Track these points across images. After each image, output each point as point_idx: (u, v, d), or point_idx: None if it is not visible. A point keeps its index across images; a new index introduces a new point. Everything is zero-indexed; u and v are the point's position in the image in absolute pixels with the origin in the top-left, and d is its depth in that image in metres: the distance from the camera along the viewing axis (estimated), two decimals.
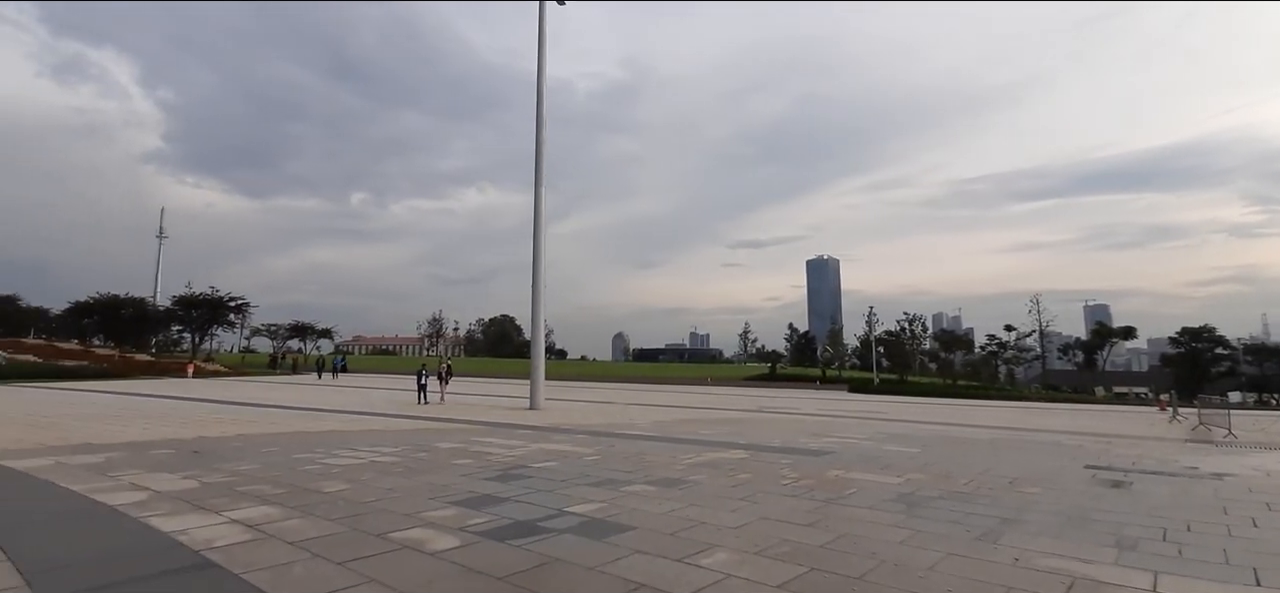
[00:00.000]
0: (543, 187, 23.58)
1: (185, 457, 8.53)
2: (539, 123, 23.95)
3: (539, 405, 21.22)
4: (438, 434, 12.15)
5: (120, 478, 6.89)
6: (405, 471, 7.71)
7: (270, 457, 8.64)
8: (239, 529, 4.81)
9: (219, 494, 6.09)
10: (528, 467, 8.25)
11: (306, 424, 13.81)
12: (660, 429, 14.62)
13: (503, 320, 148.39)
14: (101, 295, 55.04)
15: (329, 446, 9.96)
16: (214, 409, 18.01)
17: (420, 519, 5.21)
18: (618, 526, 5.16)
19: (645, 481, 7.38)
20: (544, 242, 23.34)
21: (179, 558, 4.12)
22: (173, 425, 12.90)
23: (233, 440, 10.41)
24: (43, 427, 12.32)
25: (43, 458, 8.21)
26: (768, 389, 53.19)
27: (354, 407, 20.25)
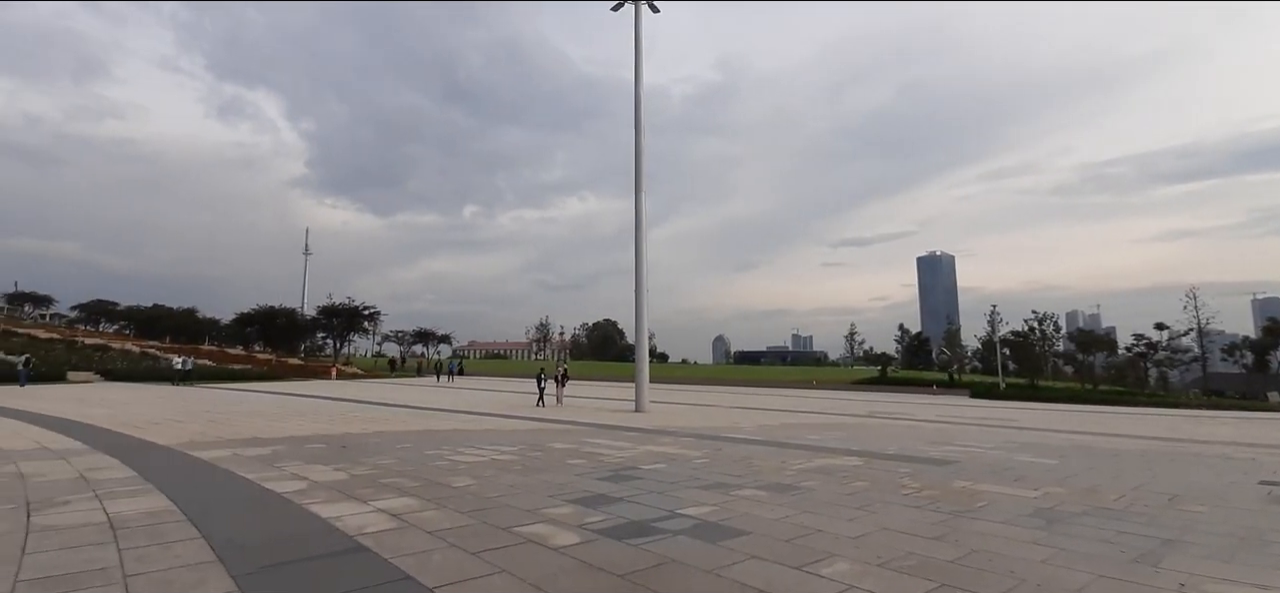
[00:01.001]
0: (643, 193, 23.95)
1: (334, 451, 9.49)
2: (638, 130, 24.35)
3: (644, 408, 21.54)
4: (551, 435, 12.68)
5: (283, 469, 7.79)
6: (524, 469, 8.12)
7: (405, 452, 9.42)
8: (384, 518, 5.30)
9: (365, 485, 6.74)
10: (638, 468, 8.41)
11: (433, 423, 14.90)
12: (766, 433, 14.37)
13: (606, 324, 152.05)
14: (260, 307, 62.54)
15: (454, 444, 10.68)
16: (353, 408, 19.87)
17: (541, 516, 5.47)
18: (732, 530, 5.15)
19: (756, 485, 7.30)
20: (646, 246, 23.68)
21: (337, 542, 4.61)
22: (321, 423, 14.38)
23: (372, 437, 11.44)
24: (219, 422, 14.17)
25: (221, 450, 9.45)
26: (878, 393, 50.65)
27: (472, 407, 21.55)
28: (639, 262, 23.40)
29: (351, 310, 64.97)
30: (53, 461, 8.26)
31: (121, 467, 7.81)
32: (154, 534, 4.77)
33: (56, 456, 8.70)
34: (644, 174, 24.07)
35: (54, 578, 3.79)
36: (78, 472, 7.43)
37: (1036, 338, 72.36)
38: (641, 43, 25.04)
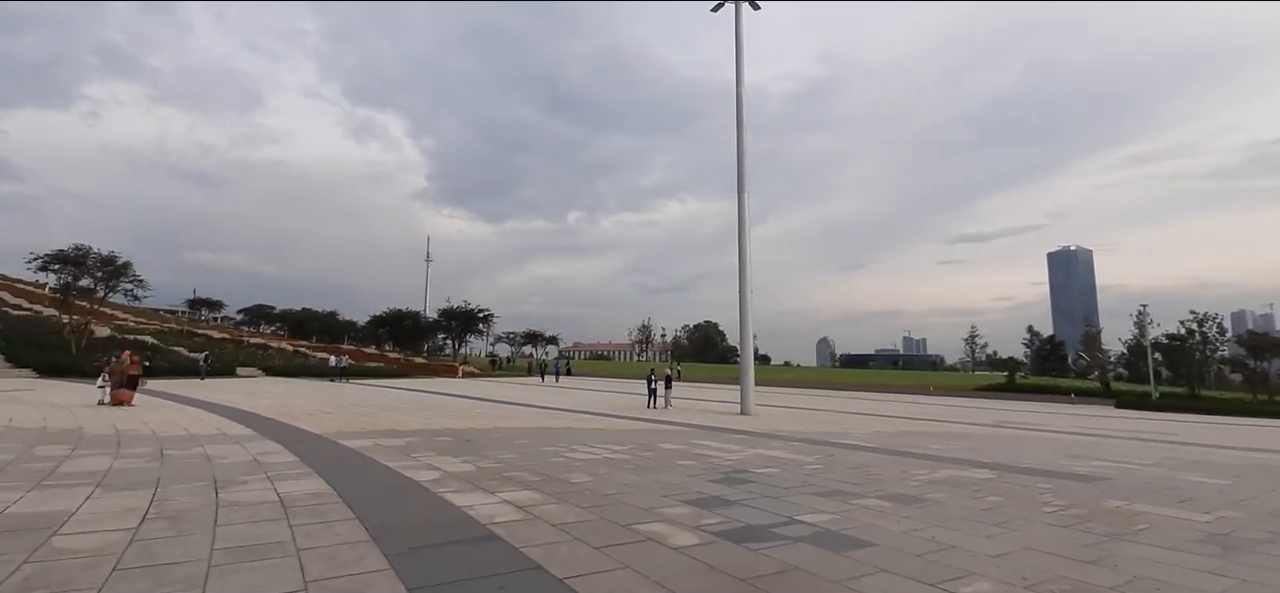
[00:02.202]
0: (746, 192, 23.65)
1: (460, 444, 10.16)
2: (739, 129, 24.07)
3: (750, 411, 21.25)
4: (659, 435, 12.82)
5: (418, 459, 8.45)
6: (636, 468, 8.28)
7: (523, 448, 9.90)
8: (511, 509, 5.61)
9: (491, 478, 7.16)
10: (749, 472, 8.32)
11: (546, 421, 15.54)
12: (881, 440, 13.69)
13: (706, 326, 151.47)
14: (389, 310, 68.24)
15: (568, 441, 11.09)
16: (472, 404, 21.15)
17: (658, 515, 5.56)
18: (855, 540, 4.96)
19: (877, 495, 6.98)
20: (749, 247, 23.36)
21: (472, 530, 4.94)
22: (446, 418, 15.44)
23: (492, 433, 12.13)
24: (360, 415, 15.60)
25: (364, 440, 10.40)
26: (1005, 402, 46.66)
27: (581, 407, 22.24)
28: (742, 262, 23.11)
29: (468, 313, 69.26)
30: (230, 445, 9.48)
31: (285, 452, 8.81)
32: (317, 514, 5.34)
33: (233, 441, 9.97)
34: (746, 174, 23.77)
35: (243, 548, 4.35)
36: (251, 455, 8.47)
37: (1196, 341, 63.42)
38: (742, 42, 24.77)
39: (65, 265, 38.81)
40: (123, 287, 41.43)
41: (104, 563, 3.96)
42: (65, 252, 38.90)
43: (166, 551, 4.26)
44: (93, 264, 39.41)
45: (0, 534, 4.56)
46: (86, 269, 39.29)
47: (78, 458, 7.95)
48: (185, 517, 5.16)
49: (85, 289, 39.94)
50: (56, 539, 4.47)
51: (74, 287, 39.40)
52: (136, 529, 4.76)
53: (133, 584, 3.60)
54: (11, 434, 10.09)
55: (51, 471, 7.08)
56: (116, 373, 17.46)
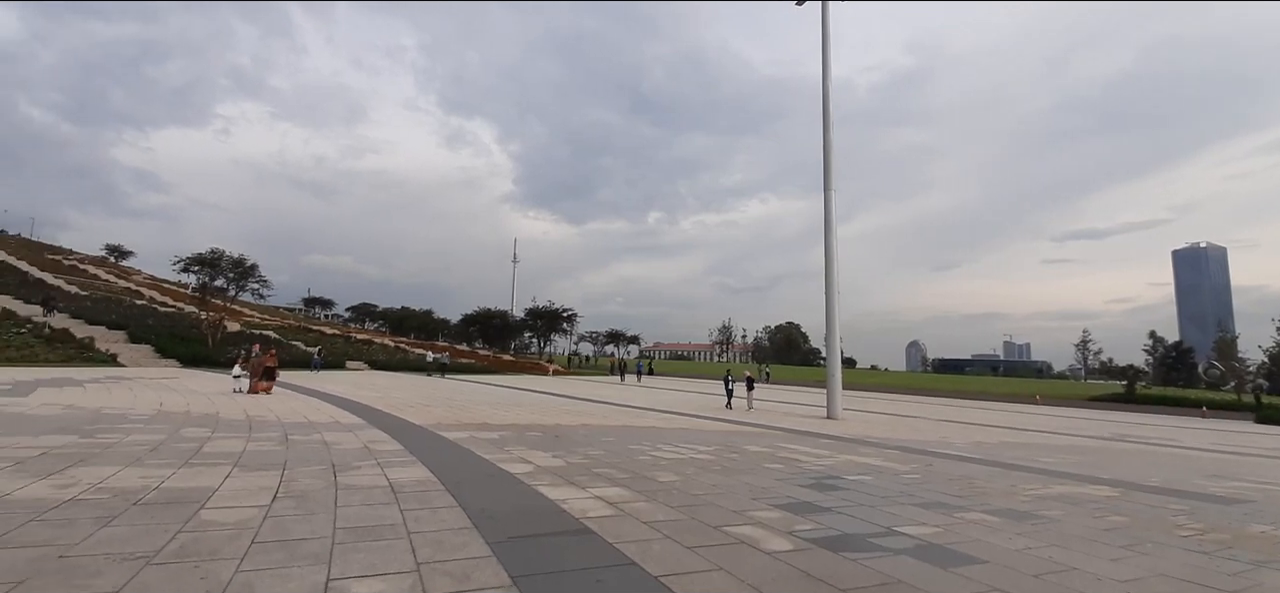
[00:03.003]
0: (832, 190, 22.90)
1: (550, 439, 10.48)
2: (826, 126, 23.33)
3: (837, 415, 20.57)
4: (744, 437, 12.66)
5: (511, 452, 8.79)
6: (722, 469, 8.22)
7: (610, 445, 10.07)
8: (602, 505, 5.72)
9: (580, 473, 7.33)
10: (841, 478, 8.05)
11: (630, 420, 15.73)
12: (983, 451, 12.86)
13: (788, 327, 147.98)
14: (479, 309, 71.57)
15: (653, 440, 11.17)
16: (558, 401, 21.75)
17: (748, 518, 5.49)
18: (964, 556, 4.69)
19: (983, 509, 6.57)
20: (836, 246, 22.60)
21: (566, 523, 5.08)
22: (535, 414, 15.96)
23: (579, 429, 12.42)
24: (456, 408, 16.42)
25: (461, 432, 10.93)
26: (1123, 414, 42.56)
27: (663, 406, 22.34)
28: (829, 261, 22.39)
29: (552, 313, 71.44)
30: (344, 432, 10.25)
31: (392, 441, 9.42)
32: (423, 500, 5.68)
33: (346, 429, 10.78)
34: (832, 170, 23.02)
35: (361, 529, 4.69)
36: (362, 443, 9.12)
37: None
38: (829, 35, 24.02)
39: (203, 267, 43.57)
40: (250, 286, 46.06)
41: (244, 536, 4.39)
42: (203, 255, 43.67)
43: (295, 527, 4.66)
44: (225, 266, 43.99)
45: (159, 506, 5.16)
46: (220, 270, 43.92)
47: (217, 440, 8.86)
48: (309, 497, 5.63)
49: (219, 288, 44.62)
50: (204, 512, 5.00)
51: (210, 286, 44.10)
52: (269, 507, 5.24)
53: (269, 556, 3.97)
54: (163, 417, 11.39)
55: (196, 450, 7.93)
56: (251, 364, 19.44)
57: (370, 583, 3.54)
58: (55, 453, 7.33)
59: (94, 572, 3.55)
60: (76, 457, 7.14)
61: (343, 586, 3.48)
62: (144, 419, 10.94)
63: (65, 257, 71.72)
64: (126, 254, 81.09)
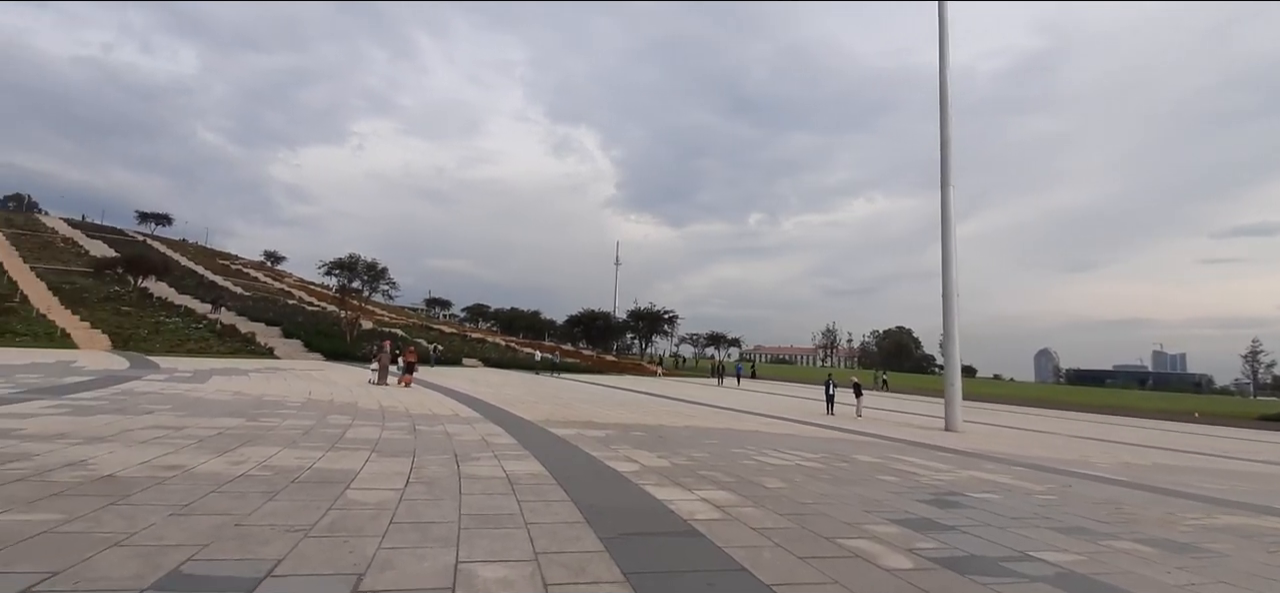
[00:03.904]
0: (950, 187, 21.43)
1: (654, 439, 10.61)
2: (943, 117, 21.85)
3: (956, 427, 19.20)
4: (854, 446, 12.16)
5: (617, 451, 8.99)
6: (832, 479, 7.94)
7: (713, 448, 10.04)
8: (709, 508, 5.72)
9: (686, 474, 7.37)
10: (963, 495, 7.52)
11: (732, 423, 15.58)
12: (1131, 473, 11.50)
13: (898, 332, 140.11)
14: (583, 311, 73.81)
15: (757, 444, 11.00)
16: (659, 402, 21.94)
17: (863, 531, 5.27)
18: (1112, 588, 4.23)
19: (1133, 537, 5.89)
20: (954, 245, 21.12)
21: (674, 523, 5.13)
22: (638, 414, 16.23)
23: (682, 431, 12.47)
24: (562, 406, 17.04)
25: (569, 429, 11.33)
26: None
27: (765, 410, 21.92)
28: (947, 262, 20.96)
29: (654, 314, 72.29)
30: (464, 425, 10.95)
31: (506, 435, 9.95)
32: (537, 492, 5.95)
33: (465, 422, 11.51)
34: (950, 166, 21.54)
35: (483, 516, 5.00)
36: (480, 436, 9.71)
37: None
38: (946, 21, 22.49)
39: (342, 270, 48.35)
40: (381, 287, 50.56)
41: (383, 516, 4.82)
42: (342, 259, 48.49)
43: (426, 511, 5.05)
44: (361, 269, 48.55)
45: (312, 484, 5.79)
46: (356, 273, 48.53)
47: (356, 427, 9.77)
48: (437, 484, 6.08)
49: (355, 289, 49.26)
50: (349, 492, 5.54)
51: (347, 287, 48.83)
52: (403, 491, 5.72)
53: (405, 536, 4.33)
54: (311, 405, 12.71)
55: (340, 436, 8.79)
56: (381, 359, 21.41)
57: (494, 568, 3.76)
58: (227, 433, 8.42)
59: (263, 541, 4.05)
60: (244, 438, 8.15)
61: (470, 569, 3.73)
62: (296, 406, 12.29)
63: (232, 262, 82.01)
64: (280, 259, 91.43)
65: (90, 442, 7.16)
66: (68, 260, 54.94)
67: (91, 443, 7.09)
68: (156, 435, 7.87)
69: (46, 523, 4.11)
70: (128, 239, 73.94)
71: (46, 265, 50.77)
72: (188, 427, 8.76)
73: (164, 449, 6.98)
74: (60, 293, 42.10)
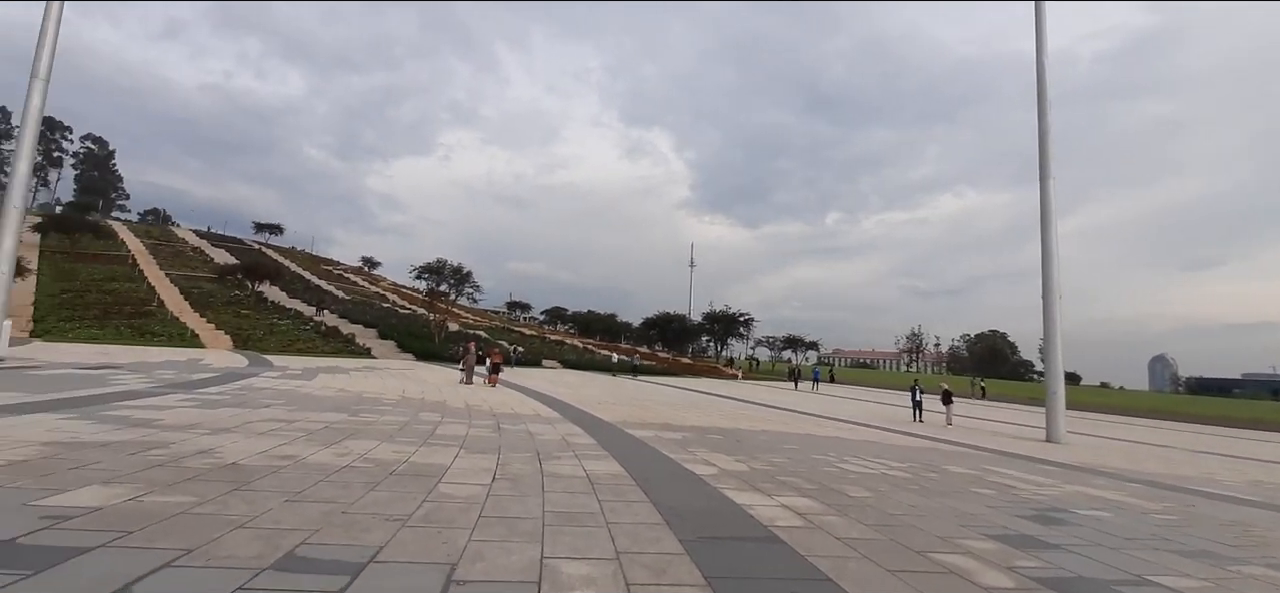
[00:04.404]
0: (1051, 179, 19.93)
1: (731, 443, 10.52)
2: (1042, 106, 20.35)
3: (1059, 438, 17.82)
4: (944, 456, 11.56)
5: (695, 453, 8.98)
6: (920, 489, 7.59)
7: (793, 453, 9.83)
8: (791, 514, 5.61)
9: (765, 479, 7.26)
10: (1069, 512, 6.99)
11: (811, 428, 15.19)
12: (1263, 493, 10.28)
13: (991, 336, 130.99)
14: (659, 313, 74.17)
15: (838, 451, 10.68)
16: (737, 405, 21.70)
17: (958, 546, 5.01)
18: None
19: (1265, 563, 5.27)
20: (1055, 242, 19.62)
21: (755, 529, 5.07)
22: (715, 416, 16.13)
23: (760, 435, 12.29)
24: (639, 407, 17.20)
25: (646, 430, 11.43)
26: None
27: (845, 416, 21.21)
28: (1047, 260, 19.49)
29: (729, 316, 71.62)
30: (545, 424, 11.28)
31: (586, 435, 10.16)
32: (617, 492, 6.05)
33: (546, 421, 11.85)
34: (1050, 157, 20.03)
35: (566, 513, 5.14)
36: (560, 435, 9.97)
37: None
38: (1043, 2, 20.95)
39: (430, 274, 51.01)
40: (466, 290, 52.90)
41: (473, 510, 5.05)
42: (430, 264, 51.16)
43: (512, 506, 5.25)
44: (447, 273, 51.01)
45: (408, 477, 6.14)
46: (443, 277, 51.04)
47: (446, 424, 10.28)
48: (521, 481, 6.30)
49: (443, 293, 51.81)
50: (441, 486, 5.84)
51: (436, 291, 51.44)
52: (490, 486, 5.96)
53: (493, 530, 4.52)
54: (405, 402, 13.47)
55: (431, 432, 9.28)
56: (466, 360, 22.43)
57: (577, 565, 3.86)
58: (332, 427, 9.07)
59: (366, 528, 4.34)
60: (347, 431, 8.76)
61: (554, 565, 3.85)
62: (392, 403, 13.08)
63: (334, 268, 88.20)
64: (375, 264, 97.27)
65: (216, 432, 7.92)
66: (196, 268, 60.94)
67: (217, 433, 7.84)
68: (272, 427, 8.60)
69: (182, 505, 4.59)
70: (246, 248, 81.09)
71: (178, 273, 56.53)
72: (298, 420, 9.51)
73: (278, 440, 7.62)
74: (190, 297, 46.77)
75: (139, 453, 6.27)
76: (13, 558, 3.30)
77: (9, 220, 16.55)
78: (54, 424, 7.63)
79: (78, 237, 58.00)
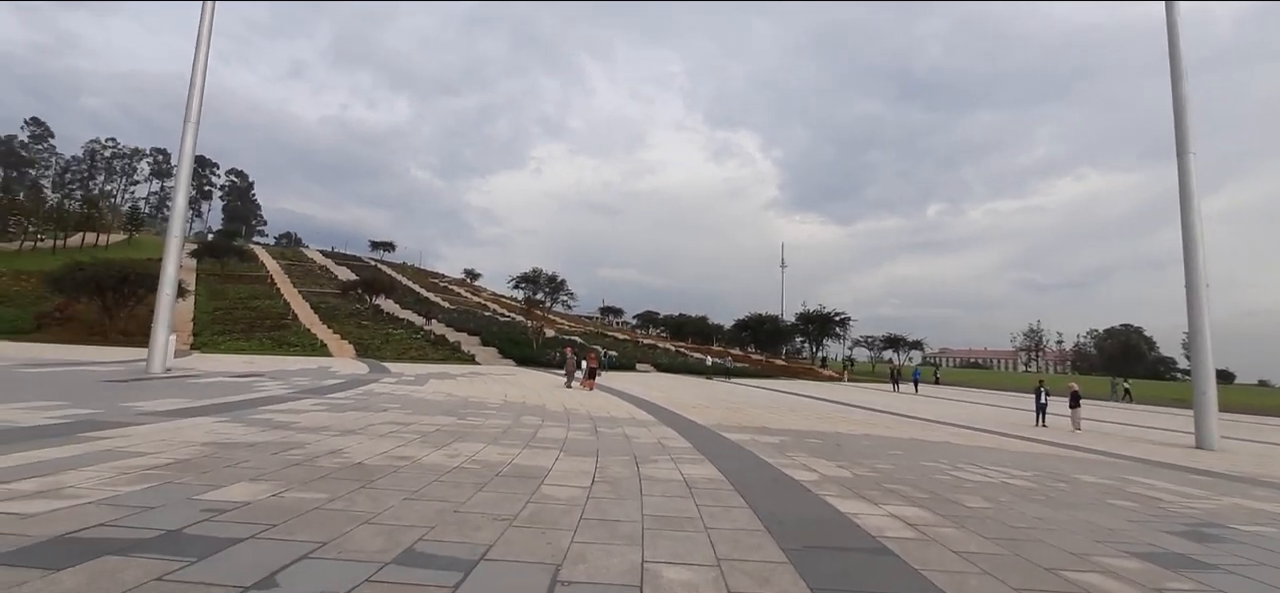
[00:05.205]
0: (1190, 154, 17.69)
1: (831, 447, 10.15)
2: (1175, 71, 18.12)
3: (1211, 444, 15.77)
4: (1074, 464, 10.56)
5: (793, 458, 8.75)
6: (1048, 501, 6.97)
7: (898, 459, 9.33)
8: (900, 525, 5.33)
9: (870, 487, 6.94)
10: (1228, 527, 6.16)
11: (918, 432, 14.36)
12: None
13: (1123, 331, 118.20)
14: (751, 315, 73.05)
15: (950, 457, 10.02)
16: (835, 408, 20.91)
17: (1095, 564, 4.55)
18: None
19: None
20: (1199, 225, 17.39)
21: (862, 540, 4.86)
22: (812, 419, 15.63)
23: (861, 439, 11.78)
24: (734, 411, 16.99)
25: (742, 434, 11.26)
26: None
27: (954, 420, 19.87)
28: (1190, 246, 17.30)
29: (824, 317, 69.25)
30: (640, 428, 11.40)
31: (681, 438, 10.17)
32: (715, 497, 6.00)
33: (641, 424, 11.98)
34: (1188, 130, 17.80)
35: (664, 518, 5.16)
36: (656, 438, 10.03)
37: None
38: None
39: (526, 283, 53.23)
40: (561, 298, 54.73)
41: (574, 512, 5.18)
42: (527, 273, 53.42)
43: (611, 509, 5.34)
44: (542, 281, 53.01)
45: (513, 479, 6.40)
46: (539, 285, 53.09)
47: (546, 428, 10.64)
48: (619, 484, 6.40)
49: (538, 300, 53.88)
50: (543, 488, 6.04)
51: (532, 298, 53.58)
52: (589, 489, 6.10)
53: (594, 532, 4.62)
54: (507, 407, 14.08)
55: (533, 435, 9.63)
56: (567, 365, 23.23)
57: (678, 570, 3.87)
58: (443, 430, 9.64)
59: (476, 527, 4.57)
60: (457, 434, 9.28)
61: (655, 569, 3.87)
62: (496, 407, 13.72)
63: (439, 280, 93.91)
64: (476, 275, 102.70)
65: (344, 434, 8.63)
66: (323, 284, 66.95)
67: (344, 435, 8.54)
68: (391, 430, 9.26)
69: (316, 501, 5.03)
70: (364, 264, 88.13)
71: (308, 289, 62.33)
72: (412, 423, 10.19)
73: (397, 442, 8.20)
74: (319, 311, 51.44)
75: (279, 453, 6.95)
76: (182, 547, 3.76)
77: (171, 247, 18.94)
78: (212, 427, 8.62)
79: (226, 260, 65.41)
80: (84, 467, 5.70)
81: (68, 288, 38.52)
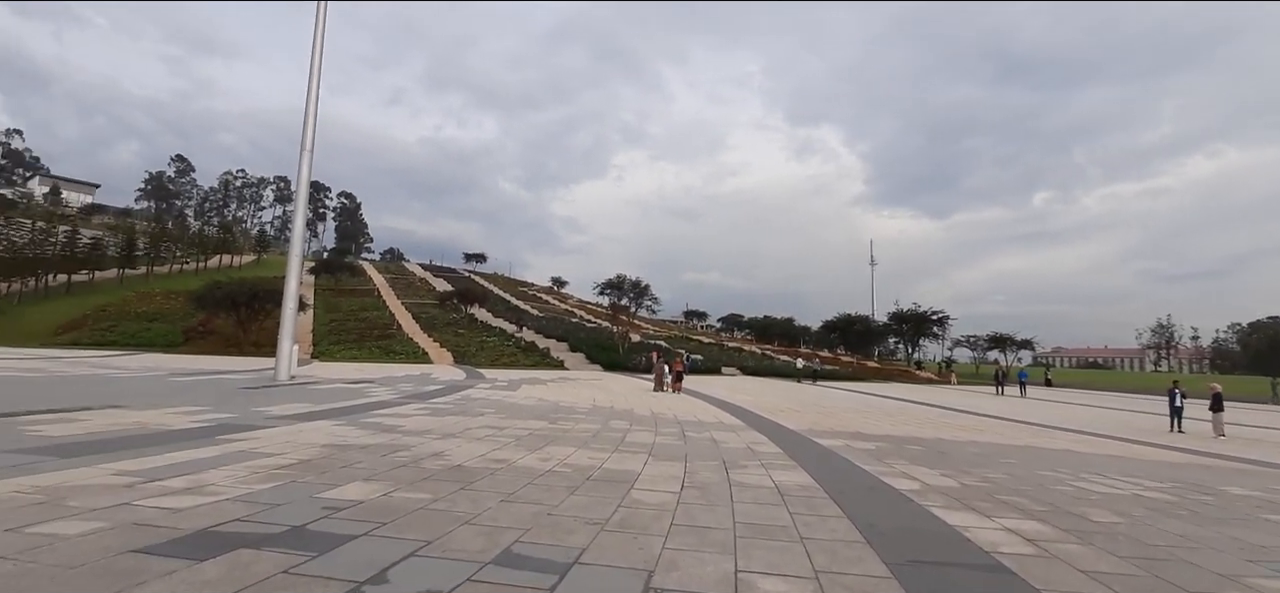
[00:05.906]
0: None
1: (933, 455, 9.57)
2: None
3: None
4: (1218, 475, 9.39)
5: (892, 466, 8.32)
6: (1192, 516, 6.22)
7: (1012, 468, 8.66)
8: (1017, 540, 4.93)
9: (980, 498, 6.48)
10: None
11: (1032, 439, 13.28)
12: None
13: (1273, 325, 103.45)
14: (840, 315, 70.39)
15: (1071, 467, 9.18)
16: (936, 413, 19.72)
17: (1248, 587, 4.01)
18: None
19: None
20: None
21: (972, 555, 4.53)
22: (911, 425, 14.83)
23: (967, 446, 11.03)
24: (826, 415, 16.42)
25: (835, 439, 10.86)
26: None
27: (1073, 424, 18.20)
28: None
29: (919, 316, 65.46)
30: (729, 432, 11.26)
31: (770, 443, 9.94)
32: (809, 506, 5.81)
33: (729, 429, 11.82)
34: None
35: (756, 526, 5.04)
36: (745, 443, 9.86)
37: None
38: None
39: (611, 289, 54.10)
40: (645, 303, 55.24)
41: (664, 517, 5.17)
42: (612, 280, 54.30)
43: (701, 516, 5.29)
44: (627, 287, 53.71)
45: (604, 483, 6.49)
46: (624, 291, 53.83)
47: (634, 432, 10.72)
48: (709, 489, 6.33)
49: (624, 306, 54.64)
50: (633, 492, 6.08)
51: (618, 304, 54.41)
52: (679, 494, 6.08)
53: (685, 539, 4.58)
54: (596, 411, 14.33)
55: (621, 439, 9.73)
56: (655, 369, 23.50)
57: (774, 582, 3.76)
58: (536, 434, 9.94)
59: (569, 530, 4.66)
60: (548, 438, 9.54)
61: (749, 579, 3.78)
62: (585, 412, 14.00)
63: (528, 288, 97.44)
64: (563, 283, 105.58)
65: (445, 437, 9.10)
66: (423, 295, 71.14)
67: (445, 438, 9.00)
68: (487, 433, 9.66)
69: (421, 501, 5.32)
70: (459, 275, 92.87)
71: (410, 300, 66.44)
72: (507, 427, 10.58)
73: (493, 445, 8.54)
74: (420, 320, 54.73)
75: (388, 455, 7.42)
76: (305, 542, 4.08)
77: (293, 266, 20.77)
78: (330, 430, 9.35)
79: (339, 275, 71.01)
80: (222, 466, 6.33)
81: (208, 305, 43.18)
